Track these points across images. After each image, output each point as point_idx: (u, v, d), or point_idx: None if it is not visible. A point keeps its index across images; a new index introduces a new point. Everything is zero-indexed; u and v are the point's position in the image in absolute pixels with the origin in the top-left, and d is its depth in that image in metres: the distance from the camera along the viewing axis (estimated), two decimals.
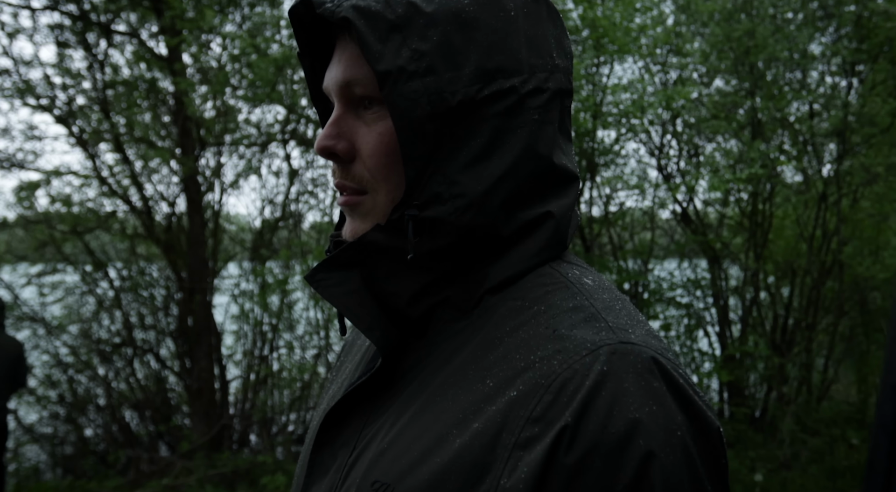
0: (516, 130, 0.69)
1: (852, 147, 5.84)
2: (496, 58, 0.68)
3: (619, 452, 0.56)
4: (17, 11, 6.33)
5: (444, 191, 0.67)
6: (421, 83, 0.66)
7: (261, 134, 6.94)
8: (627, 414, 0.56)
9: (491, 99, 0.68)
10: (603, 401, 0.57)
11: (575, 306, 0.66)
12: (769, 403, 6.27)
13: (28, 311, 6.83)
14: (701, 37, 6.12)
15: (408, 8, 0.67)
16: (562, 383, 0.59)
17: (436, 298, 0.71)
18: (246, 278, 7.09)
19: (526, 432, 0.59)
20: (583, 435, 0.56)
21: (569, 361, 0.60)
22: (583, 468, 0.56)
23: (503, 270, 0.71)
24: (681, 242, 6.80)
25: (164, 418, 7.04)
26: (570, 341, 0.62)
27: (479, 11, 0.68)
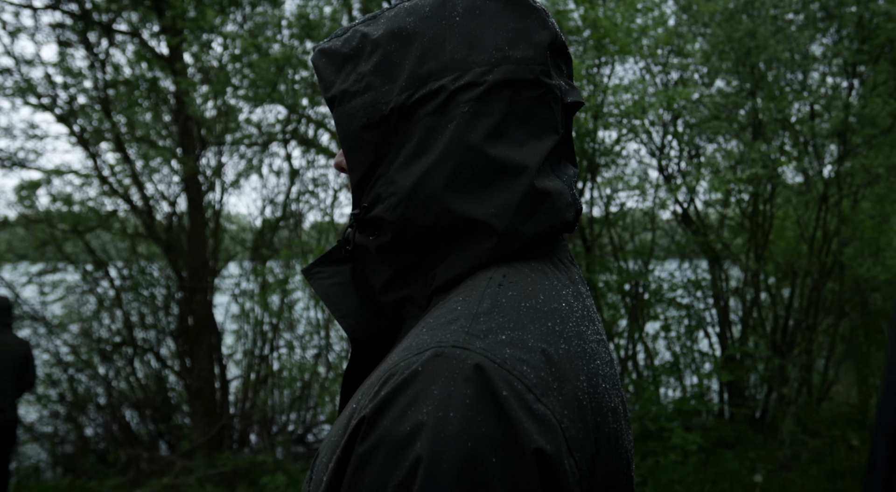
0: (446, 126, 0.72)
1: (853, 148, 5.83)
2: (428, 63, 0.73)
3: (399, 451, 0.56)
4: (18, 10, 6.33)
5: (384, 191, 0.74)
6: (360, 100, 0.75)
7: (261, 134, 6.94)
8: (417, 416, 0.57)
9: (422, 101, 0.73)
10: (403, 399, 0.58)
11: (453, 308, 0.66)
12: (769, 404, 6.26)
13: (29, 310, 6.84)
14: (702, 37, 6.11)
15: (360, 39, 0.77)
16: (387, 378, 0.61)
17: (400, 293, 0.78)
18: (246, 278, 7.10)
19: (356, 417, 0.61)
20: (375, 428, 0.58)
21: (402, 358, 0.62)
22: (368, 460, 0.58)
23: (447, 271, 0.73)
24: (681, 242, 6.80)
25: (164, 417, 7.04)
26: (417, 340, 0.63)
27: (419, 25, 0.75)
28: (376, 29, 0.77)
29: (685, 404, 5.83)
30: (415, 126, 0.73)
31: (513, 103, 0.73)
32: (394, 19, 0.76)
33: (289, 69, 5.60)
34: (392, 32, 0.75)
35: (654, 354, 6.53)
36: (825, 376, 6.69)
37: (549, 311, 0.67)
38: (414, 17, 0.76)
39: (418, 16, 0.76)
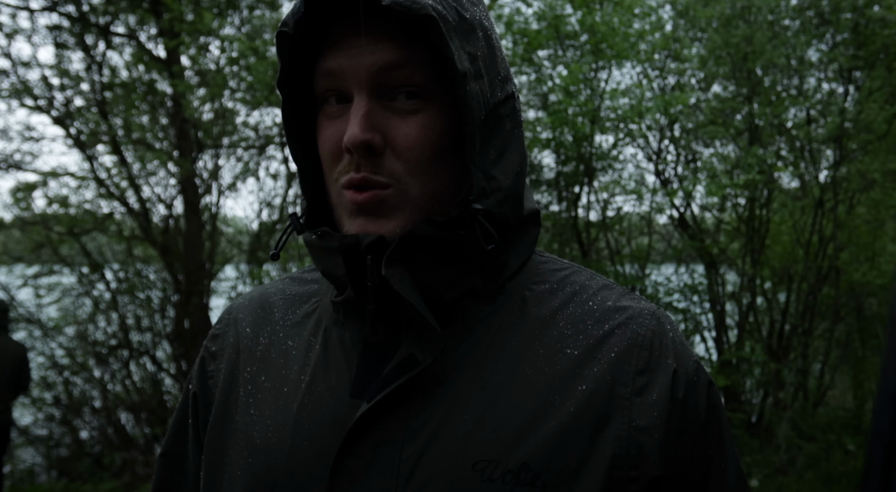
0: (516, 130, 0.77)
1: (849, 153, 5.85)
2: (503, 64, 0.75)
3: (696, 384, 0.74)
4: (15, 12, 6.33)
5: (486, 185, 0.71)
6: (477, 85, 0.70)
7: (258, 136, 6.94)
8: (692, 356, 0.76)
9: (504, 102, 0.74)
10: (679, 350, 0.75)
11: (604, 285, 0.80)
12: (765, 408, 6.27)
13: (24, 312, 6.82)
14: (699, 42, 6.13)
15: (456, 13, 0.69)
16: (650, 341, 0.74)
17: (464, 286, 0.74)
18: (243, 281, 7.08)
19: (638, 382, 0.72)
20: (682, 375, 0.73)
21: (644, 325, 0.75)
22: (687, 400, 0.73)
23: (517, 258, 0.79)
24: (678, 247, 6.81)
25: (159, 420, 7.02)
26: (631, 311, 0.77)
27: (489, 22, 0.75)
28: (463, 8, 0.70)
29: None
30: (499, 124, 0.73)
31: None
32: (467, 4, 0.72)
33: None
34: (480, 21, 0.72)
35: None
36: (821, 380, 6.71)
37: None
38: (479, 10, 0.73)
39: (481, 11, 0.74)
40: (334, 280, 0.77)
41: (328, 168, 0.74)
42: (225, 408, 0.81)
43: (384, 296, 0.72)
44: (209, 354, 0.88)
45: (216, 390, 0.84)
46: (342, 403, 0.73)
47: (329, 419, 0.73)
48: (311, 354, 0.79)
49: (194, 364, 0.90)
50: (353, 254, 0.71)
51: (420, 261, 0.71)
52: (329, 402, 0.74)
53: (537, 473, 0.67)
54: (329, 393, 0.75)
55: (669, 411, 0.71)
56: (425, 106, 0.70)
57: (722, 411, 0.76)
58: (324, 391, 0.75)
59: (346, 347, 0.77)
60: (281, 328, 0.84)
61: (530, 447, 0.67)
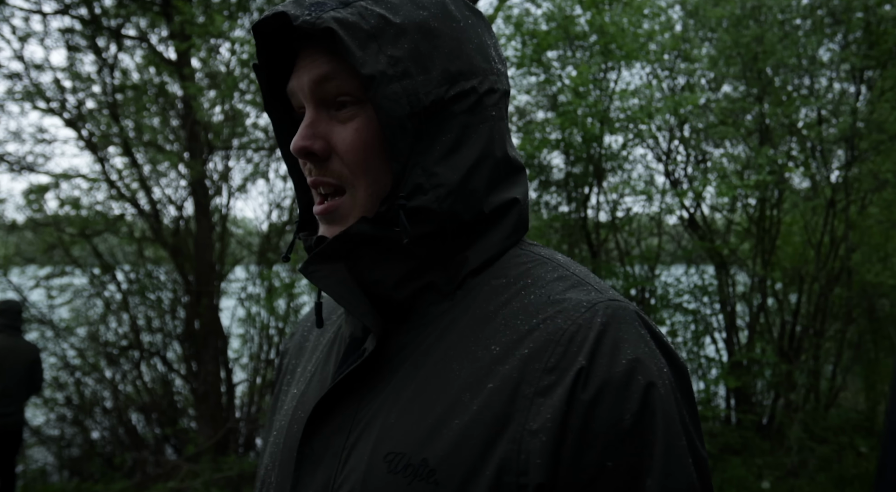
0: (479, 126, 0.77)
1: (861, 153, 5.81)
2: (456, 62, 0.76)
3: (625, 386, 0.66)
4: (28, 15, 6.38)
5: (425, 182, 0.74)
6: (399, 85, 0.73)
7: (268, 138, 6.96)
8: (628, 355, 0.67)
9: (456, 98, 0.76)
10: (607, 346, 0.68)
11: (559, 276, 0.76)
12: (776, 410, 6.24)
13: (36, 313, 6.86)
14: (709, 43, 6.11)
15: (379, 20, 0.74)
16: (570, 336, 0.69)
17: (420, 282, 0.77)
18: (253, 282, 7.11)
19: (544, 381, 0.67)
20: (595, 374, 0.66)
21: (572, 318, 0.70)
22: (597, 402, 0.66)
23: (482, 253, 0.79)
24: (688, 247, 6.78)
25: (170, 421, 7.06)
26: (567, 303, 0.72)
27: (437, 22, 0.76)
28: (391, 12, 0.74)
29: None
30: (449, 121, 0.75)
31: (506, 111, 0.83)
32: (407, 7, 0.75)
33: None
34: (415, 22, 0.75)
35: None
36: (833, 382, 6.66)
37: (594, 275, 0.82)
38: (426, 11, 0.76)
39: (430, 13, 0.76)
40: None
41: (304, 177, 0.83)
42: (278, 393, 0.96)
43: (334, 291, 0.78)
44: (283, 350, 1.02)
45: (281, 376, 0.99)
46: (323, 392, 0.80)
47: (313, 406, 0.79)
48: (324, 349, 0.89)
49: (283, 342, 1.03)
50: None
51: (366, 258, 0.76)
52: (317, 391, 0.83)
53: (433, 469, 0.68)
54: (320, 383, 0.84)
55: (565, 413, 0.65)
56: (359, 111, 0.76)
57: (664, 420, 0.67)
58: (318, 381, 0.84)
59: (342, 341, 0.85)
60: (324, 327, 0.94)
61: (432, 444, 0.69)
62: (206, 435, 6.39)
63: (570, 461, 0.65)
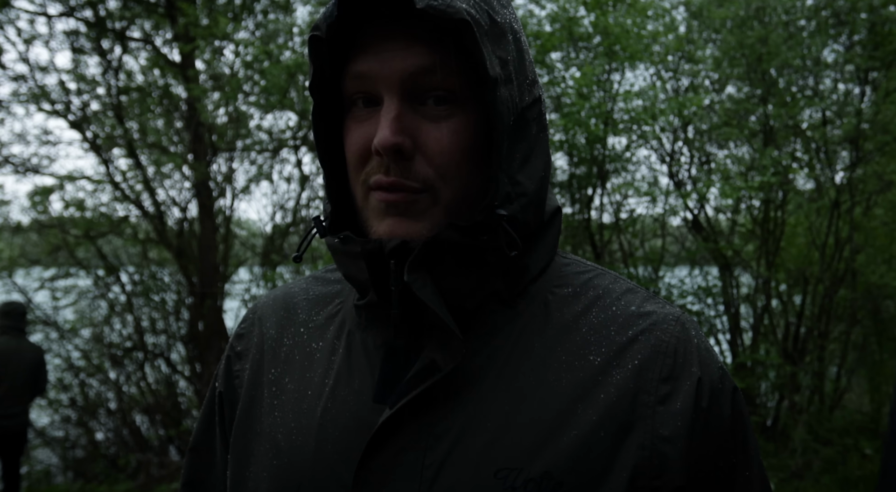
0: (541, 134, 0.76)
1: (865, 155, 5.80)
2: (530, 68, 0.75)
3: (721, 391, 0.73)
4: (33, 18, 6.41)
5: (511, 190, 0.71)
6: (507, 90, 0.69)
7: (272, 140, 6.97)
8: (717, 363, 0.75)
9: (531, 106, 0.74)
10: (705, 357, 0.74)
11: (628, 289, 0.79)
12: (781, 411, 6.22)
13: (41, 314, 6.88)
14: (713, 44, 6.10)
15: (488, 17, 0.69)
16: (674, 348, 0.73)
17: (486, 290, 0.74)
18: (256, 283, 7.12)
19: (662, 390, 0.71)
20: (706, 383, 0.72)
21: (669, 331, 0.74)
22: (711, 408, 0.72)
23: (539, 261, 0.78)
24: (692, 249, 6.77)
25: (174, 422, 7.06)
26: (655, 316, 0.76)
27: (518, 25, 0.74)
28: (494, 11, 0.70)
29: None
30: (526, 128, 0.73)
31: None
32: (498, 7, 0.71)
33: (300, 76, 5.63)
34: (509, 25, 0.71)
35: None
36: (837, 383, 6.64)
37: None
38: (509, 12, 0.73)
39: (511, 13, 0.73)
40: (357, 284, 0.77)
41: (355, 170, 0.73)
42: (249, 408, 0.82)
43: (407, 300, 0.71)
44: (234, 353, 0.88)
45: (241, 390, 0.84)
46: (365, 407, 0.73)
47: (352, 423, 0.73)
48: (334, 358, 0.79)
49: (220, 362, 0.90)
50: (376, 258, 0.70)
51: (444, 266, 0.70)
52: (352, 406, 0.74)
53: (559, 481, 0.67)
54: (352, 397, 0.75)
55: (693, 420, 0.70)
56: (456, 111, 0.70)
57: (746, 418, 0.76)
58: (347, 395, 0.75)
59: (369, 350, 0.77)
60: (305, 330, 0.84)
61: (552, 456, 0.67)
62: None
63: (698, 464, 0.70)
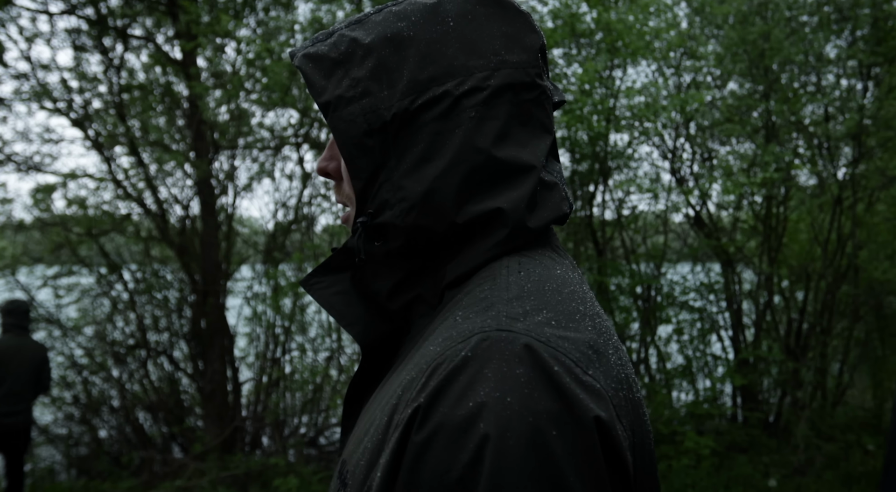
0: (453, 131, 0.73)
1: (868, 150, 5.79)
2: (428, 68, 0.73)
3: (461, 433, 0.57)
4: (35, 16, 6.40)
5: (391, 197, 0.74)
6: (358, 106, 0.74)
7: (274, 137, 6.97)
8: (476, 398, 0.58)
9: (426, 106, 0.73)
10: (458, 385, 0.59)
11: (482, 297, 0.68)
12: (783, 408, 6.22)
13: (44, 313, 6.89)
14: (715, 40, 6.09)
15: (349, 44, 0.76)
16: (434, 367, 0.62)
17: (410, 293, 0.79)
18: (259, 281, 7.12)
19: (404, 413, 0.62)
20: (432, 416, 0.59)
21: (446, 347, 0.63)
22: (428, 446, 0.58)
23: (458, 267, 0.75)
24: (694, 245, 6.77)
25: (177, 419, 7.08)
26: (456, 329, 0.65)
27: (414, 29, 0.75)
28: (365, 34, 0.76)
29: (698, 407, 5.80)
30: (419, 131, 0.73)
31: (514, 106, 0.75)
32: (384, 24, 0.76)
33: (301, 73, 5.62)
34: (385, 37, 0.75)
35: (666, 358, 6.49)
36: (840, 379, 6.64)
37: (570, 292, 0.70)
38: (406, 21, 0.76)
39: (410, 20, 0.76)
40: None
41: None
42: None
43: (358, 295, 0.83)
44: None
45: None
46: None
47: None
48: None
49: None
50: None
51: (368, 270, 0.80)
52: None
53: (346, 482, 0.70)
54: None
55: (397, 453, 0.60)
56: None
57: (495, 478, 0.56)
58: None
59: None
60: None
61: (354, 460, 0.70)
62: (213, 434, 6.41)
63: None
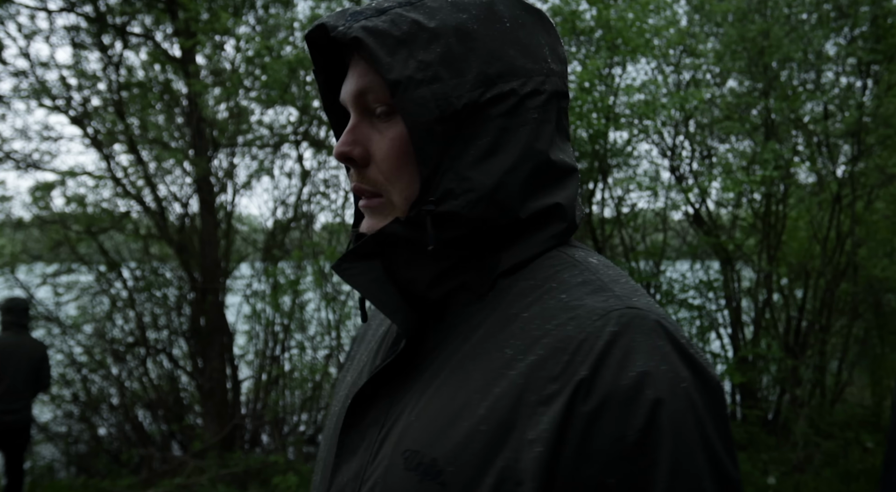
0: (518, 129, 0.76)
1: (867, 148, 5.79)
2: (495, 64, 0.75)
3: (630, 400, 0.63)
4: (34, 13, 6.39)
5: (456, 187, 0.74)
6: (428, 90, 0.73)
7: (273, 135, 6.97)
8: (636, 368, 0.64)
9: (493, 101, 0.75)
10: (614, 357, 0.64)
11: (583, 281, 0.74)
12: (782, 405, 6.23)
13: (43, 310, 6.89)
14: (714, 37, 6.09)
15: (412, 25, 0.74)
16: (577, 344, 0.66)
17: (453, 282, 0.78)
18: (258, 279, 7.13)
19: (547, 390, 0.66)
20: (598, 386, 0.64)
21: (582, 326, 0.67)
22: (599, 415, 0.63)
23: (515, 255, 0.78)
24: (693, 243, 6.77)
25: (176, 417, 7.08)
26: (581, 310, 0.69)
27: (476, 24, 0.76)
28: (427, 18, 0.75)
29: None
30: (484, 124, 0.75)
31: (558, 113, 0.81)
32: (445, 12, 0.76)
33: (301, 71, 5.62)
34: (451, 26, 0.75)
35: None
36: (839, 377, 6.65)
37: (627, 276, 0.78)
38: (466, 14, 0.76)
39: (471, 14, 0.76)
40: None
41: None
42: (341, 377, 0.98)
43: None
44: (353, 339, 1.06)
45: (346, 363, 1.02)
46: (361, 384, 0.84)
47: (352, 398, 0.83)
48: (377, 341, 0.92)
49: None
50: None
51: (400, 258, 0.77)
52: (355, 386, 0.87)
53: (441, 470, 0.68)
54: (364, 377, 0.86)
55: (562, 425, 0.63)
56: (396, 119, 0.77)
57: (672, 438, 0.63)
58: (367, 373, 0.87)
59: (391, 336, 0.88)
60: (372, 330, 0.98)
61: (442, 444, 0.69)
62: (212, 431, 6.41)
63: (567, 475, 0.63)
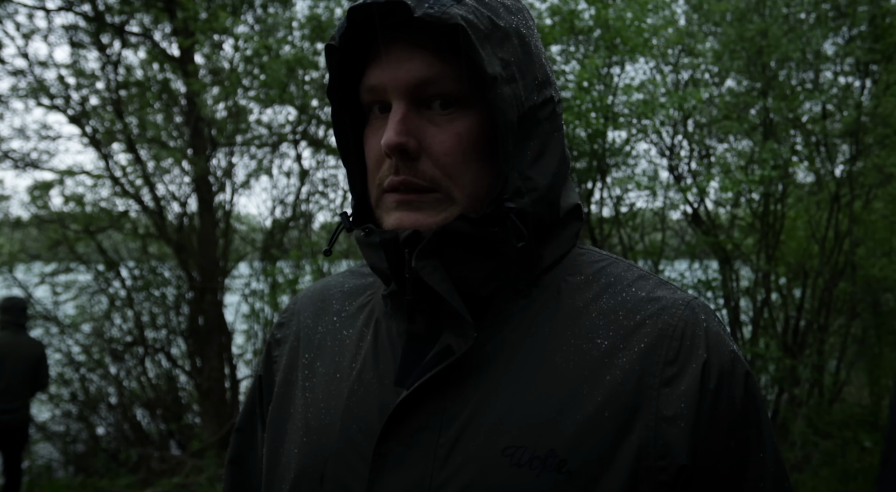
0: (555, 133, 0.80)
1: (866, 148, 5.80)
2: (541, 71, 0.79)
3: (732, 374, 0.75)
4: (32, 12, 6.39)
5: (522, 185, 0.75)
6: (510, 89, 0.73)
7: (272, 134, 6.97)
8: (728, 347, 0.77)
9: (541, 106, 0.78)
10: (714, 340, 0.76)
11: (639, 276, 0.83)
12: (780, 405, 6.23)
13: (41, 310, 6.89)
14: (713, 37, 6.09)
15: (489, 22, 0.73)
16: (681, 331, 0.76)
17: (501, 279, 0.78)
18: (256, 278, 7.12)
19: (667, 373, 0.73)
20: (715, 365, 0.74)
21: (677, 315, 0.77)
22: (719, 390, 0.74)
23: (554, 252, 0.82)
24: (691, 243, 6.77)
25: (174, 416, 7.08)
26: (664, 301, 0.79)
27: (526, 30, 0.78)
28: (497, 17, 0.74)
29: None
30: (535, 127, 0.77)
31: None
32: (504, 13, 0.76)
33: (299, 70, 5.62)
34: (514, 27, 0.76)
35: None
36: (837, 377, 6.65)
37: None
38: (517, 18, 0.77)
39: (520, 19, 0.78)
40: (381, 274, 0.82)
41: (372, 173, 0.79)
42: (285, 390, 0.89)
43: (421, 288, 0.76)
44: (274, 340, 0.96)
45: (278, 374, 0.92)
46: (388, 390, 0.79)
47: (375, 405, 0.78)
48: (362, 344, 0.85)
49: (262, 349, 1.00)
50: (392, 248, 0.76)
51: (455, 255, 0.75)
52: (376, 389, 0.80)
53: (563, 459, 0.70)
54: (377, 381, 0.80)
55: (699, 401, 0.72)
56: (460, 113, 0.75)
57: (760, 401, 0.77)
58: (372, 379, 0.81)
59: (393, 337, 0.83)
60: (338, 319, 0.91)
61: (557, 435, 0.71)
62: (211, 431, 6.41)
63: (705, 444, 0.72)
